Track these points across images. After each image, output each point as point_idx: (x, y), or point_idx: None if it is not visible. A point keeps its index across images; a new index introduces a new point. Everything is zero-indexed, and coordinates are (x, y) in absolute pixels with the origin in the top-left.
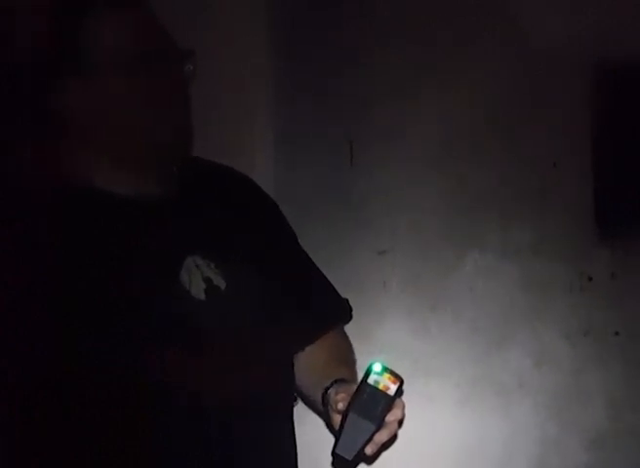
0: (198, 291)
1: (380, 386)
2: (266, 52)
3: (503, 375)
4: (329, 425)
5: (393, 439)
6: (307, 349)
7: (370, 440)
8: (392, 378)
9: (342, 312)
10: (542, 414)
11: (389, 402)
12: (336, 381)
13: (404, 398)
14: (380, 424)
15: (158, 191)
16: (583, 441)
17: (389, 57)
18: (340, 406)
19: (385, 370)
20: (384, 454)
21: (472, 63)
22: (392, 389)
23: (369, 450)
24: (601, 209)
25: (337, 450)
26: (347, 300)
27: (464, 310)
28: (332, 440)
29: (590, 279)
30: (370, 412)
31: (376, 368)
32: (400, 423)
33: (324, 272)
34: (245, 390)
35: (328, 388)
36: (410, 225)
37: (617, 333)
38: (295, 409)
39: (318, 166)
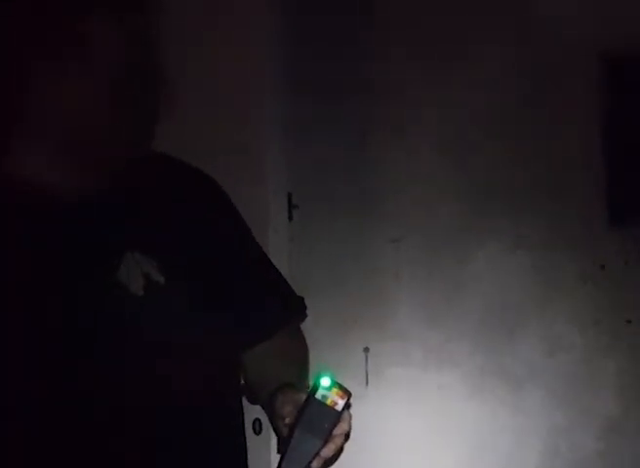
0: (137, 286)
1: (328, 401)
2: (278, 39)
3: (515, 365)
4: (275, 431)
5: (339, 452)
6: (256, 348)
7: (316, 455)
8: (340, 393)
9: (295, 311)
10: (553, 403)
11: (336, 417)
12: (282, 386)
13: (416, 386)
14: (326, 440)
15: (101, 188)
16: (594, 430)
17: (403, 48)
18: (287, 420)
19: (334, 384)
20: (396, 443)
21: (484, 54)
22: (340, 404)
23: (315, 465)
24: (613, 197)
25: (283, 466)
26: (302, 299)
27: (476, 299)
28: None
29: (603, 267)
30: (317, 428)
31: (324, 382)
32: (347, 436)
33: (338, 261)
34: (182, 387)
35: (273, 394)
36: (423, 215)
37: (629, 322)
38: None
39: (331, 156)
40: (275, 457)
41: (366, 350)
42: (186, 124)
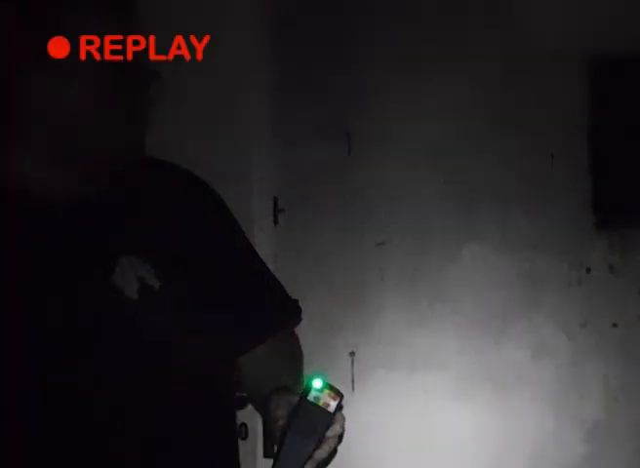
0: (131, 290)
1: (320, 403)
2: (265, 46)
3: (501, 368)
4: (267, 433)
5: (333, 454)
6: (252, 351)
7: (310, 457)
8: (332, 394)
9: (291, 314)
10: (540, 407)
11: (329, 419)
12: (277, 389)
13: (403, 390)
14: (319, 442)
15: (95, 192)
16: (581, 432)
17: (388, 49)
18: (281, 423)
19: (326, 386)
20: (383, 446)
21: (471, 56)
22: (332, 405)
23: None
24: (599, 201)
25: None
26: (297, 302)
27: (462, 302)
28: None
29: (588, 271)
30: (309, 430)
31: (315, 384)
32: (340, 438)
33: (323, 265)
34: (181, 388)
35: (267, 397)
36: (408, 217)
37: (614, 325)
38: None
39: (317, 158)
40: (261, 462)
41: (352, 354)
42: (171, 129)
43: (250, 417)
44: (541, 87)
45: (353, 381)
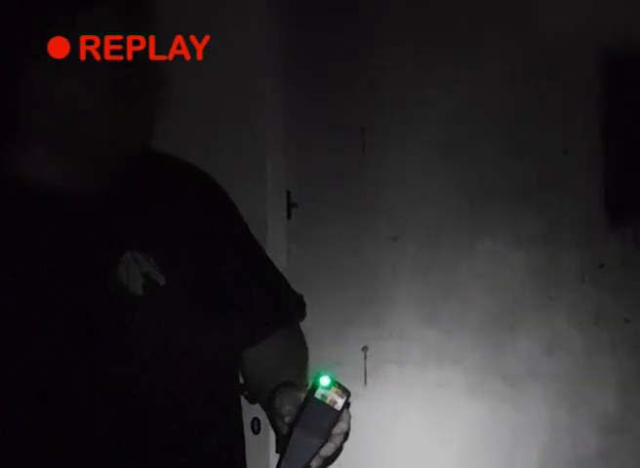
0: (136, 286)
1: (327, 400)
2: (278, 38)
3: (514, 363)
4: (275, 430)
5: (339, 451)
6: (255, 347)
7: (316, 454)
8: (339, 392)
9: (295, 309)
10: (553, 402)
11: (336, 416)
12: (282, 385)
13: (415, 387)
14: (326, 439)
15: (101, 187)
16: (594, 427)
17: (402, 43)
18: (287, 419)
19: (333, 383)
20: (395, 441)
21: (485, 53)
22: (339, 403)
23: (314, 465)
24: (612, 196)
25: (282, 465)
26: (302, 297)
27: (475, 297)
28: None
29: (601, 266)
30: (316, 427)
31: (323, 381)
32: (346, 435)
33: (336, 259)
34: (181, 386)
35: (272, 392)
36: (421, 212)
37: (627, 320)
38: None
39: (330, 153)
40: (273, 457)
41: (364, 349)
42: (186, 123)
43: (263, 412)
44: (555, 83)
45: (366, 375)
